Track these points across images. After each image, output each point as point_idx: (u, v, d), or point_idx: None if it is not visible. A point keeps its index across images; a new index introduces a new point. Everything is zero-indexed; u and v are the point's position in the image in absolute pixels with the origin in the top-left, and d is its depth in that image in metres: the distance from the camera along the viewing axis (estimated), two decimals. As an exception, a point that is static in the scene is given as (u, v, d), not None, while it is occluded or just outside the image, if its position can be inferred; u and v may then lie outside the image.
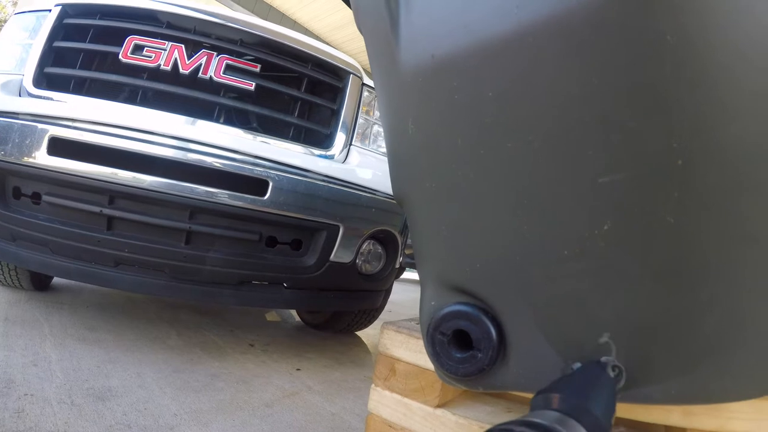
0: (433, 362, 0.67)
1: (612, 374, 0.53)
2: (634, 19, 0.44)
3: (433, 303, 0.66)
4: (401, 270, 2.48)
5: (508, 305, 0.60)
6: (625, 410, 0.72)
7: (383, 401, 0.88)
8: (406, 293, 5.84)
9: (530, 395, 0.80)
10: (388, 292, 2.60)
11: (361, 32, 0.73)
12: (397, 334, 0.87)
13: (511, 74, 0.52)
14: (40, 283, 2.61)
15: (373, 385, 0.90)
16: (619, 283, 0.52)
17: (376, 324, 3.01)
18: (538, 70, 0.50)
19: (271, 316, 3.25)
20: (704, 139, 0.45)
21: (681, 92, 0.44)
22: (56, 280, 2.89)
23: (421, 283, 0.69)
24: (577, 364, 0.56)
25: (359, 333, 3.05)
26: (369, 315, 2.78)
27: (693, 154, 0.45)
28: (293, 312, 3.37)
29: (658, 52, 0.44)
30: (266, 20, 2.15)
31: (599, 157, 0.48)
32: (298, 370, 2.04)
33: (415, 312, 0.89)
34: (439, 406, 0.82)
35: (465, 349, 0.63)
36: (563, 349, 0.58)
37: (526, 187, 0.55)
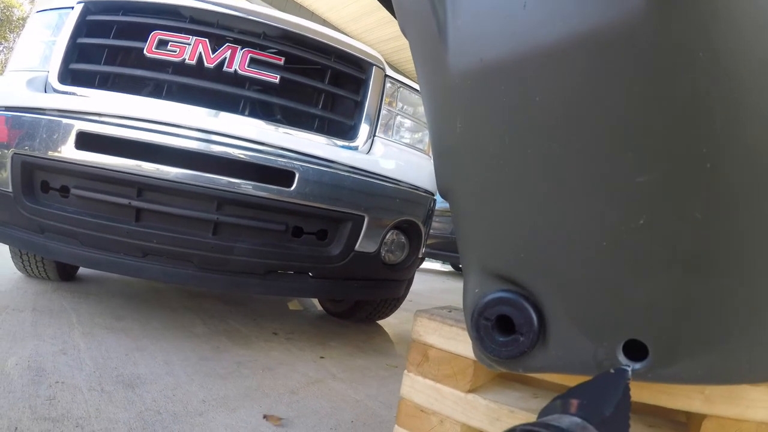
0: (476, 345, 0.69)
1: (628, 381, 0.56)
2: (666, 36, 0.48)
3: (477, 290, 0.69)
4: (421, 260, 2.50)
5: (549, 292, 0.63)
6: (649, 396, 0.73)
7: (415, 386, 0.90)
8: (425, 283, 5.85)
9: (557, 382, 0.84)
10: (410, 281, 2.62)
11: (404, 34, 0.76)
12: (430, 322, 0.89)
13: (555, 81, 0.55)
14: (66, 274, 2.67)
15: (405, 371, 0.91)
16: (651, 272, 0.56)
17: (397, 313, 3.03)
18: (579, 80, 0.53)
19: (294, 305, 3.28)
20: (731, 147, 0.50)
21: (712, 105, 0.48)
22: (81, 270, 2.95)
23: (465, 271, 0.71)
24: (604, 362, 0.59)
25: (380, 322, 3.07)
26: (391, 304, 2.80)
27: (720, 158, 0.50)
28: (315, 301, 3.41)
29: (690, 67, 0.47)
30: (284, 12, 2.16)
31: (637, 159, 0.53)
32: (321, 357, 2.07)
33: (435, 302, 0.90)
34: (470, 391, 0.84)
35: (507, 334, 0.65)
36: (597, 333, 0.61)
37: (568, 185, 0.58)
